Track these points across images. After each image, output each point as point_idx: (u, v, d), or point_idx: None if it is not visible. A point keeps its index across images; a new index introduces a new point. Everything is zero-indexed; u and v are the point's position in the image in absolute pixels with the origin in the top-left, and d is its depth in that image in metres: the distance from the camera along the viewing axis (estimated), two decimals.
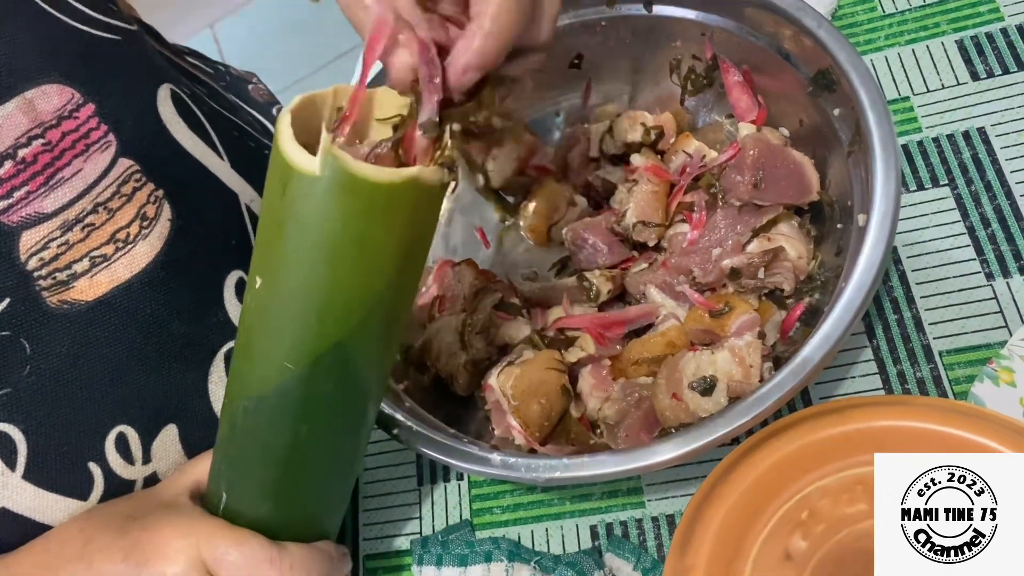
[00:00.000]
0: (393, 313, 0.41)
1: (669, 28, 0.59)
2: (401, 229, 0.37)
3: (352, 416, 0.44)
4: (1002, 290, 0.53)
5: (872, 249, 0.44)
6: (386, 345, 0.43)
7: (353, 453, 0.47)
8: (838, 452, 0.43)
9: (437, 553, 0.54)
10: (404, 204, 0.36)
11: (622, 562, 0.51)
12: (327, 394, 0.41)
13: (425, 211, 0.39)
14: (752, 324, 0.50)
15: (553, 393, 0.53)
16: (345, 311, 0.38)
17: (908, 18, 0.63)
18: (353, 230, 0.36)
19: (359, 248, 0.37)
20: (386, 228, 0.37)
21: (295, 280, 0.38)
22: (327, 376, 0.40)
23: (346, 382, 0.41)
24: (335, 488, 0.48)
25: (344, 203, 0.35)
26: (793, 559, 0.41)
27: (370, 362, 0.42)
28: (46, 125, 0.47)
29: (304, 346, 0.39)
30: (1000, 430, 0.41)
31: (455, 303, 0.61)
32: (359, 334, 0.40)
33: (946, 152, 0.58)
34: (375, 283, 0.38)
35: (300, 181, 0.35)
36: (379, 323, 0.40)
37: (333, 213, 0.35)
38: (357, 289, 0.38)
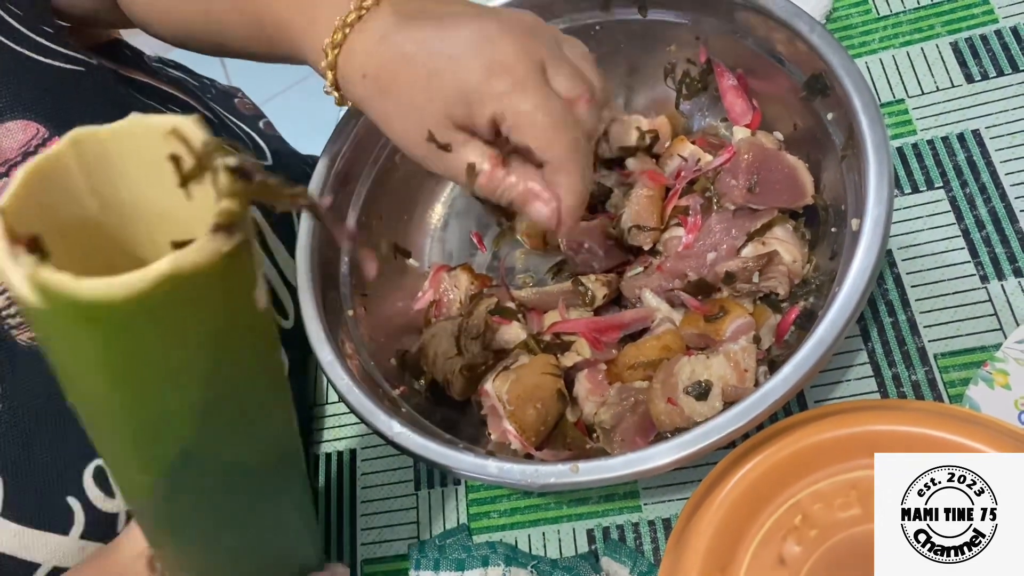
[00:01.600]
0: (238, 401, 0.32)
1: (663, 32, 0.59)
2: (188, 329, 0.27)
3: (254, 491, 0.38)
4: (997, 292, 0.53)
5: (865, 253, 0.44)
6: (252, 427, 0.35)
7: (282, 511, 0.42)
8: (832, 457, 0.43)
9: (434, 558, 0.54)
10: (175, 305, 0.25)
11: (619, 566, 0.52)
12: (208, 488, 0.35)
13: (216, 293, 0.27)
14: (747, 328, 0.50)
15: (549, 398, 0.53)
16: (167, 426, 0.31)
17: (903, 20, 0.63)
18: (119, 355, 0.27)
19: (139, 370, 0.28)
20: (163, 338, 0.27)
21: (91, 408, 0.30)
22: (196, 475, 0.34)
23: (225, 472, 0.35)
24: (281, 543, 0.44)
25: (90, 333, 0.26)
26: (787, 564, 0.41)
27: (243, 449, 0.35)
28: (11, 163, 0.46)
29: (144, 462, 0.32)
30: (994, 434, 0.41)
31: (451, 308, 0.61)
32: (205, 436, 0.32)
33: (941, 154, 0.58)
34: (185, 391, 0.29)
35: (32, 313, 0.25)
36: (225, 418, 0.32)
37: (84, 345, 0.26)
38: (167, 403, 0.30)
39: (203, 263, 0.25)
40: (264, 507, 0.40)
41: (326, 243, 0.57)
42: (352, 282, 0.58)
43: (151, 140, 0.28)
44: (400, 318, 0.61)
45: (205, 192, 0.27)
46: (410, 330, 0.61)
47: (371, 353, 0.56)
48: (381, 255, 0.62)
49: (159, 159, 0.27)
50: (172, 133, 0.27)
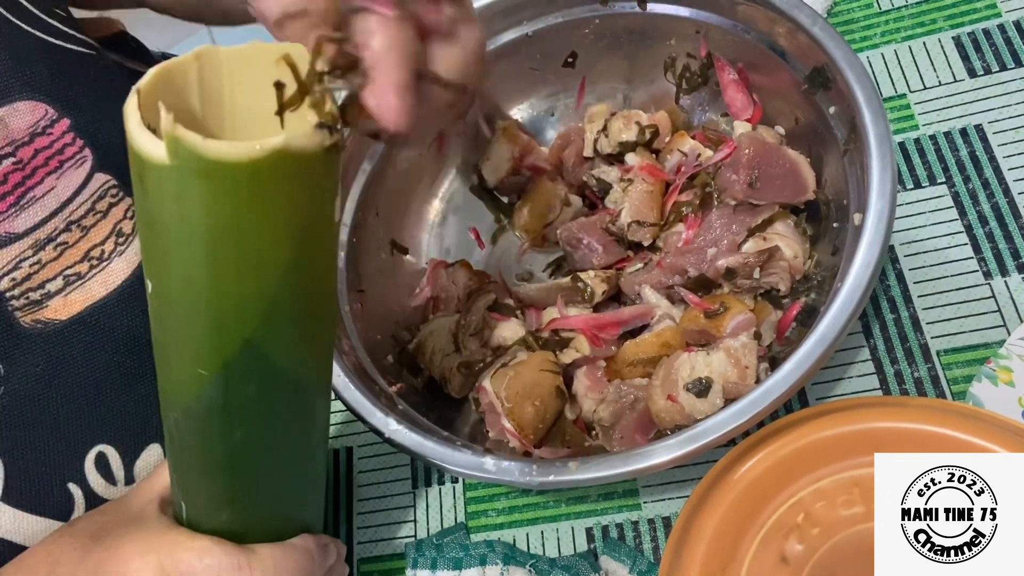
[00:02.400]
0: (304, 301, 0.36)
1: (664, 26, 0.59)
2: (284, 210, 0.31)
3: (289, 413, 0.40)
4: (1000, 289, 0.52)
5: (868, 248, 0.44)
6: (307, 335, 0.38)
7: (305, 447, 0.44)
8: (834, 454, 0.42)
9: (432, 556, 0.54)
10: (279, 180, 0.30)
11: (618, 565, 0.51)
12: (252, 396, 0.37)
13: (310, 184, 0.32)
14: (748, 324, 0.49)
15: (547, 395, 0.53)
16: (241, 311, 0.33)
17: (904, 14, 0.63)
18: (222, 221, 0.30)
19: (236, 240, 0.31)
20: (263, 212, 0.31)
21: (179, 282, 0.33)
22: (246, 378, 0.36)
23: (270, 381, 0.37)
24: (295, 486, 0.45)
25: (203, 190, 0.29)
26: (789, 562, 0.40)
27: (293, 356, 0.38)
28: (18, 143, 0.46)
29: (209, 350, 0.35)
30: (997, 431, 0.40)
31: (449, 304, 0.60)
32: (268, 331, 0.35)
33: (943, 150, 0.57)
34: (267, 277, 0.33)
35: (153, 172, 0.29)
36: (289, 315, 0.35)
37: (194, 205, 0.30)
38: (249, 284, 0.33)
39: (308, 148, 0.30)
40: (296, 435, 0.42)
41: None
42: (348, 278, 0.58)
43: (263, 63, 0.32)
44: (398, 315, 0.61)
45: (301, 112, 0.31)
46: (407, 327, 0.60)
47: (368, 350, 0.56)
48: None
49: (266, 81, 0.32)
50: (283, 59, 0.31)
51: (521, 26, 0.61)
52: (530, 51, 0.62)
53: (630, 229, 0.57)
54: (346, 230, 0.58)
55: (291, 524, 0.45)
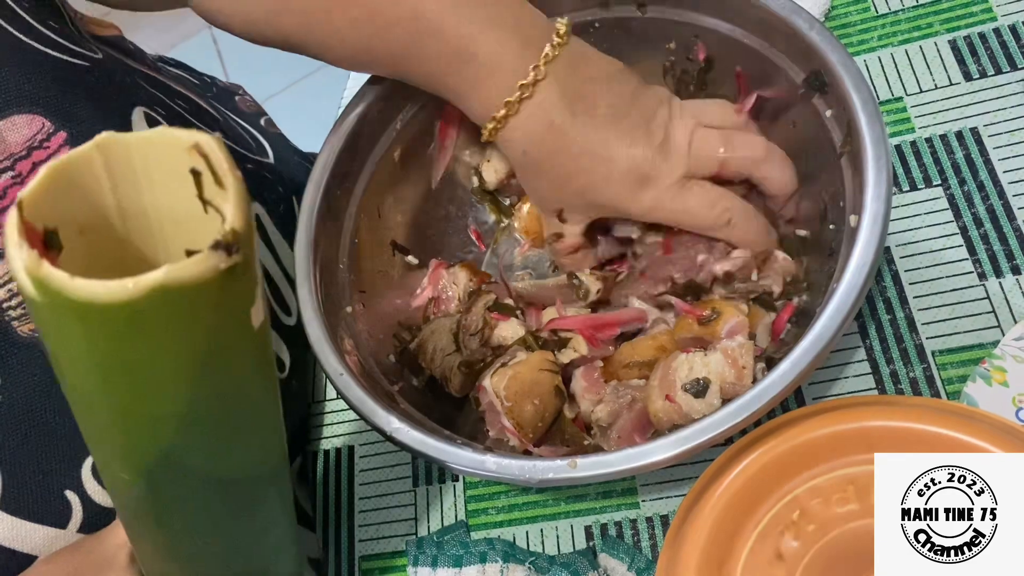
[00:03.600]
0: (224, 414, 0.33)
1: (663, 30, 0.59)
2: (176, 342, 0.27)
3: (229, 504, 0.38)
4: (995, 290, 0.53)
5: (864, 250, 0.44)
6: (236, 441, 0.35)
7: (254, 531, 0.42)
8: (830, 452, 0.43)
9: (432, 554, 0.54)
10: (164, 316, 0.26)
11: (616, 562, 0.52)
12: (181, 494, 0.35)
13: (209, 309, 0.27)
14: (741, 328, 0.50)
15: (546, 394, 0.53)
16: (150, 429, 0.31)
17: (901, 18, 0.63)
18: (106, 356, 0.27)
19: (125, 373, 0.28)
20: (150, 347, 0.27)
21: (81, 405, 0.31)
22: (173, 480, 0.34)
23: (199, 480, 0.35)
24: (252, 561, 0.44)
25: (79, 330, 0.26)
26: (784, 559, 0.41)
27: (223, 461, 0.35)
28: (16, 156, 0.46)
29: (127, 461, 0.33)
30: (991, 431, 0.41)
31: (450, 304, 0.61)
32: (185, 443, 0.32)
33: (939, 152, 0.58)
34: (168, 402, 0.30)
35: (30, 303, 0.26)
36: (207, 429, 0.32)
37: (73, 341, 0.27)
38: (151, 409, 0.30)
39: (198, 277, 0.25)
40: (243, 519, 0.40)
41: (325, 238, 0.57)
42: (350, 279, 0.58)
43: (175, 152, 0.28)
44: (399, 315, 0.61)
45: (220, 206, 0.27)
46: (409, 327, 0.61)
47: (369, 350, 0.56)
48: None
49: (181, 171, 0.28)
50: (194, 148, 0.27)
51: None
52: None
53: (616, 226, 0.57)
54: (349, 229, 0.59)
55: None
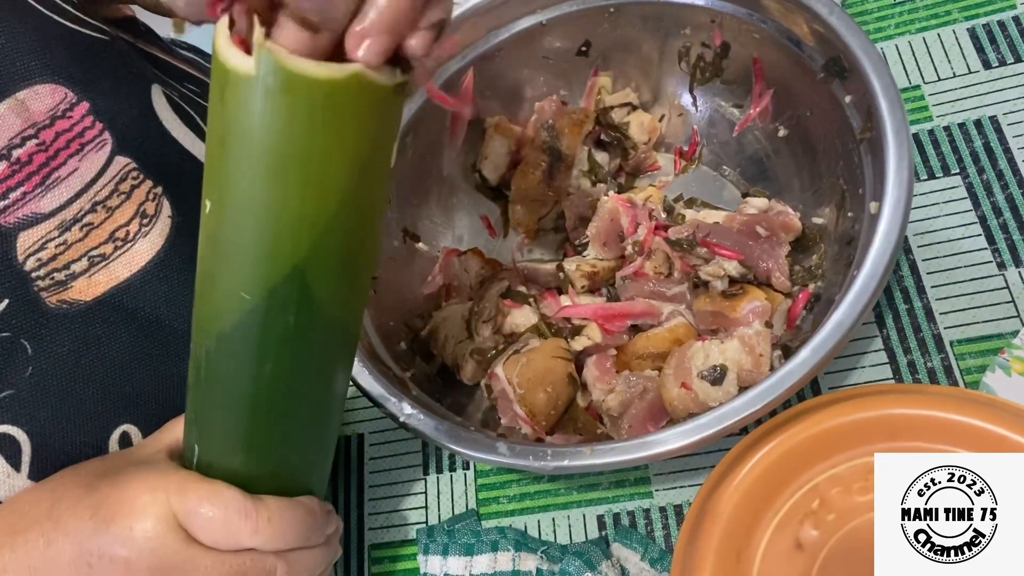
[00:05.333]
0: (355, 237, 0.37)
1: (678, 15, 0.58)
2: (352, 136, 0.33)
3: (321, 354, 0.41)
4: (1014, 280, 0.52)
5: (884, 237, 0.44)
6: (351, 274, 0.39)
7: (327, 398, 0.43)
8: (849, 440, 0.42)
9: (443, 543, 0.54)
10: (351, 106, 0.33)
11: (629, 552, 0.51)
12: (289, 328, 0.38)
13: (378, 116, 0.34)
14: (763, 312, 0.49)
15: (559, 382, 0.53)
16: (297, 232, 0.35)
17: (919, 6, 0.63)
18: (296, 136, 0.33)
19: (305, 159, 0.33)
20: (333, 134, 0.33)
21: (240, 199, 0.34)
22: (286, 307, 0.37)
23: (309, 315, 0.38)
24: (312, 436, 0.45)
25: (282, 104, 0.32)
26: (804, 548, 0.40)
27: (334, 292, 0.38)
28: (39, 125, 0.46)
29: (257, 273, 0.36)
30: (1013, 418, 0.40)
31: (461, 292, 0.60)
32: (317, 259, 0.36)
33: (957, 141, 0.57)
34: (327, 200, 0.35)
35: (236, 84, 0.32)
36: (339, 248, 0.37)
37: (272, 117, 0.32)
38: (308, 206, 0.34)
39: (380, 81, 0.33)
40: (322, 380, 0.42)
41: None
42: None
43: None
44: (410, 302, 0.61)
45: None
46: (420, 314, 0.60)
47: (381, 336, 0.56)
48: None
49: None
50: None
51: (535, 14, 0.61)
52: (544, 39, 0.62)
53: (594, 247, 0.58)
54: None
55: (298, 483, 0.45)
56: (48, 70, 0.47)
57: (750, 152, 0.60)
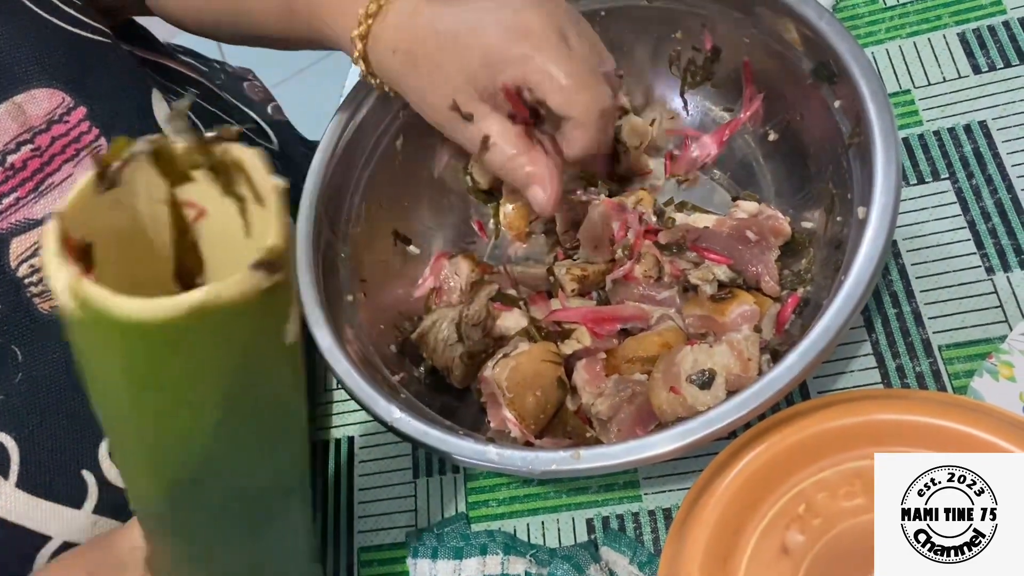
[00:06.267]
0: (252, 434, 0.33)
1: (669, 19, 0.59)
2: (212, 360, 0.27)
3: (251, 519, 0.38)
4: (1002, 284, 0.52)
5: (872, 242, 0.44)
6: (263, 460, 0.35)
7: (275, 541, 0.42)
8: (836, 446, 0.42)
9: (432, 546, 0.54)
10: (202, 334, 0.26)
11: (618, 556, 0.51)
12: (209, 509, 0.35)
13: (247, 328, 0.27)
14: (752, 316, 0.50)
15: (549, 385, 0.53)
16: (178, 452, 0.31)
17: (910, 10, 0.63)
18: (141, 376, 0.27)
19: (159, 393, 0.28)
20: (187, 366, 0.27)
21: (111, 423, 0.31)
22: (194, 503, 0.34)
23: (225, 499, 0.35)
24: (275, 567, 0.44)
25: (116, 348, 0.26)
26: (790, 553, 0.40)
27: (246, 481, 0.35)
28: (36, 130, 0.46)
29: (151, 482, 0.33)
30: (999, 424, 0.41)
31: (452, 295, 0.60)
32: (211, 467, 0.32)
33: (947, 145, 0.57)
34: (199, 423, 0.30)
35: (67, 318, 0.26)
36: (233, 451, 0.33)
37: (109, 358, 0.27)
38: (182, 431, 0.30)
39: (239, 297, 0.25)
40: (265, 534, 0.40)
41: (327, 226, 0.56)
42: (352, 267, 0.58)
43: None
44: (400, 305, 0.61)
45: (263, 220, 0.27)
46: (410, 317, 0.60)
47: (371, 339, 0.56)
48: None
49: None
50: (235, 164, 0.28)
51: None
52: None
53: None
54: (351, 218, 0.58)
55: None
56: (46, 74, 0.47)
57: (740, 156, 0.60)
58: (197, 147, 0.28)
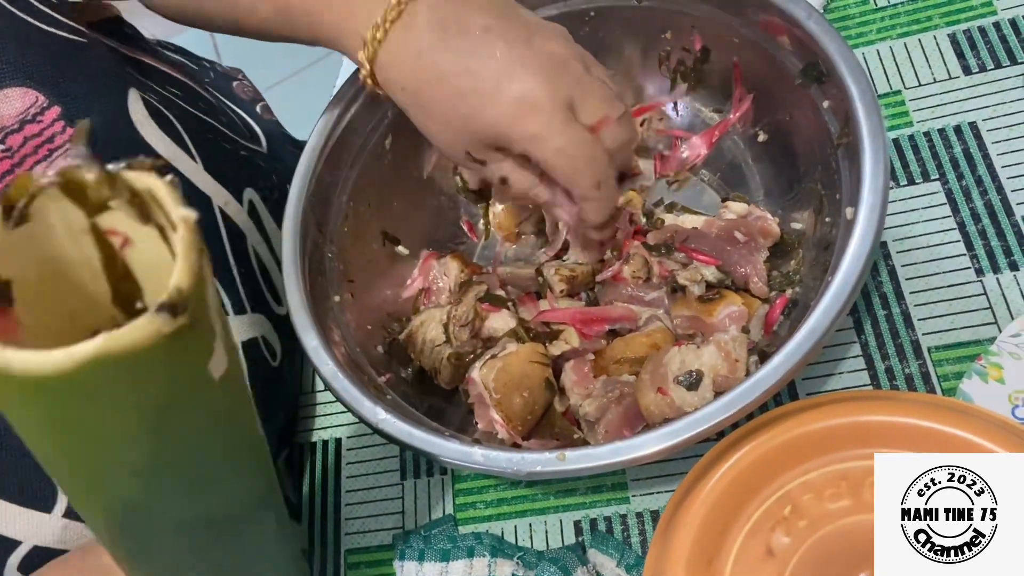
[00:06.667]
0: (186, 467, 0.32)
1: (659, 19, 0.58)
2: (123, 403, 0.26)
3: (211, 540, 0.38)
4: (992, 286, 0.52)
5: (860, 242, 0.44)
6: (211, 485, 0.35)
7: (244, 558, 0.42)
8: (822, 447, 0.42)
9: (419, 548, 0.53)
10: (107, 381, 0.25)
11: (605, 558, 0.51)
12: (158, 537, 0.35)
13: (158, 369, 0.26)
14: (739, 317, 0.49)
15: (536, 387, 0.52)
16: (111, 485, 0.31)
17: (900, 11, 0.63)
18: (52, 422, 0.27)
19: (74, 436, 0.28)
20: (96, 412, 0.26)
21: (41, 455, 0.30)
22: (143, 527, 0.34)
23: (174, 528, 0.35)
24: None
25: (19, 398, 0.25)
26: (775, 555, 0.40)
27: (197, 505, 0.35)
28: (7, 130, 0.46)
29: (94, 510, 0.33)
30: (986, 426, 0.40)
31: (440, 296, 0.60)
32: (149, 497, 0.32)
33: (937, 146, 0.57)
34: (124, 460, 0.29)
35: None
36: (173, 485, 0.32)
37: (16, 407, 0.26)
38: (108, 470, 0.30)
39: (139, 343, 0.24)
40: (229, 549, 0.40)
41: (314, 226, 0.56)
42: (339, 268, 0.57)
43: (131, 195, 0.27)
44: (388, 305, 0.60)
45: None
46: (398, 317, 0.60)
47: (358, 340, 0.55)
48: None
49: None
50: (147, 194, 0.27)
51: None
52: None
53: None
54: (339, 218, 0.58)
55: None
56: (20, 74, 0.46)
57: (729, 157, 0.60)
58: (106, 177, 0.27)
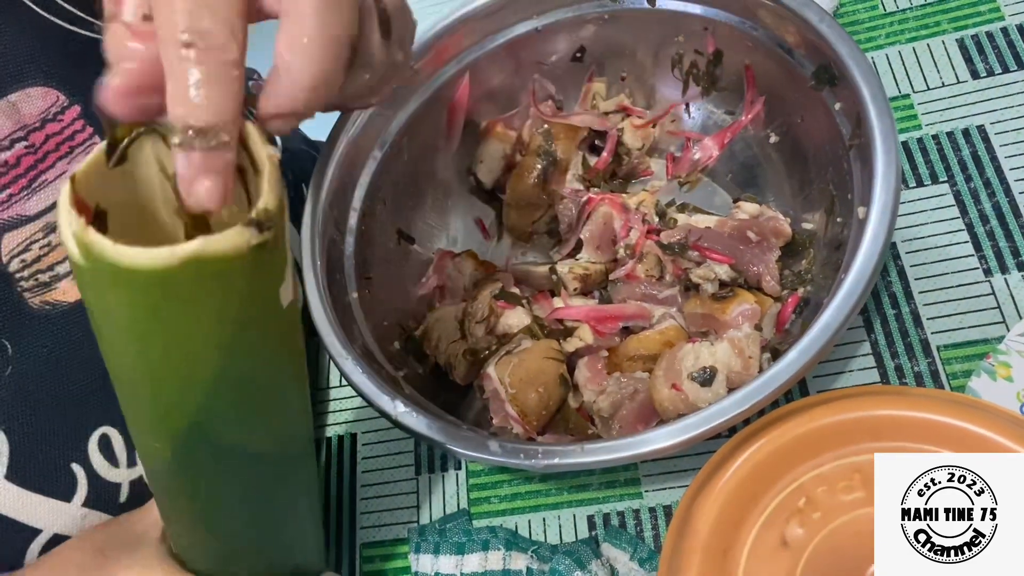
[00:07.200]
0: (250, 389, 0.34)
1: (672, 22, 0.59)
2: (208, 310, 0.29)
3: (254, 479, 0.40)
4: (1000, 286, 0.53)
5: (872, 242, 0.44)
6: (260, 418, 0.37)
7: (283, 504, 0.43)
8: (835, 441, 0.43)
9: (435, 541, 0.54)
10: (198, 284, 0.28)
11: (619, 552, 0.52)
12: (208, 467, 0.37)
13: (240, 281, 0.29)
14: (753, 315, 0.50)
15: (551, 383, 0.53)
16: (180, 397, 0.33)
17: (909, 16, 0.63)
18: (143, 320, 0.29)
19: (160, 337, 0.30)
20: (184, 313, 0.29)
21: (117, 370, 0.33)
22: (198, 453, 0.36)
23: (224, 456, 0.37)
24: (279, 537, 0.45)
25: (119, 294, 0.28)
26: (789, 546, 0.41)
27: (246, 436, 0.37)
28: (29, 128, 0.47)
29: (157, 430, 0.35)
30: (998, 421, 0.41)
31: (455, 294, 0.61)
32: (212, 416, 0.34)
33: (946, 149, 0.58)
34: (199, 369, 0.32)
35: (76, 268, 0.28)
36: (233, 403, 0.34)
37: (114, 304, 0.29)
38: (183, 376, 0.32)
39: (230, 250, 0.27)
40: (271, 494, 0.41)
41: (331, 224, 0.57)
42: (356, 265, 0.58)
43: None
44: (404, 303, 0.61)
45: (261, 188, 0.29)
46: (414, 314, 0.61)
47: (374, 336, 0.56)
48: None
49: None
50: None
51: (531, 20, 0.61)
52: (539, 45, 0.63)
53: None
54: (355, 217, 0.59)
55: (282, 569, 0.46)
56: (41, 72, 0.47)
57: (742, 158, 0.60)
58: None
